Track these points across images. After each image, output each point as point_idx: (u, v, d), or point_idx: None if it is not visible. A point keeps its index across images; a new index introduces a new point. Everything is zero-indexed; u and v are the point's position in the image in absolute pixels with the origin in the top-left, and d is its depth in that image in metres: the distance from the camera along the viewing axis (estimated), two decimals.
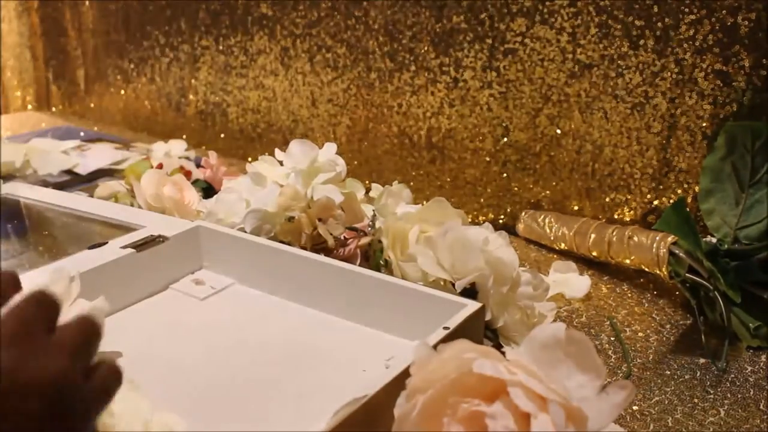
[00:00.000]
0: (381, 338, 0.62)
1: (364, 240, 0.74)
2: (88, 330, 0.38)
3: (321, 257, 0.67)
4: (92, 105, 1.42)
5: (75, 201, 0.81)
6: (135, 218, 0.74)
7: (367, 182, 1.01)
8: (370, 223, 0.76)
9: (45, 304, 0.38)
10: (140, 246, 0.67)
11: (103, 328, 0.39)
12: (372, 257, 0.73)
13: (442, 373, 0.42)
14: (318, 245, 0.74)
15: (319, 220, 0.73)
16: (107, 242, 0.67)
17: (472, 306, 0.57)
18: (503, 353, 0.44)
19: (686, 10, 0.78)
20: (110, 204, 0.82)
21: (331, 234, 0.72)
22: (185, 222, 0.74)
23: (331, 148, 0.78)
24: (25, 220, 0.83)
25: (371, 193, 0.82)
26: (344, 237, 0.75)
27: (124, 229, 0.72)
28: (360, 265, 0.68)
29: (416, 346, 0.44)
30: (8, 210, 0.82)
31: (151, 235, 0.69)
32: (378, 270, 0.68)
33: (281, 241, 0.71)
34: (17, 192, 0.85)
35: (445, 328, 0.54)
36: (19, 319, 0.36)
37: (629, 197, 0.88)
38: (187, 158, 1.04)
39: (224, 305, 0.68)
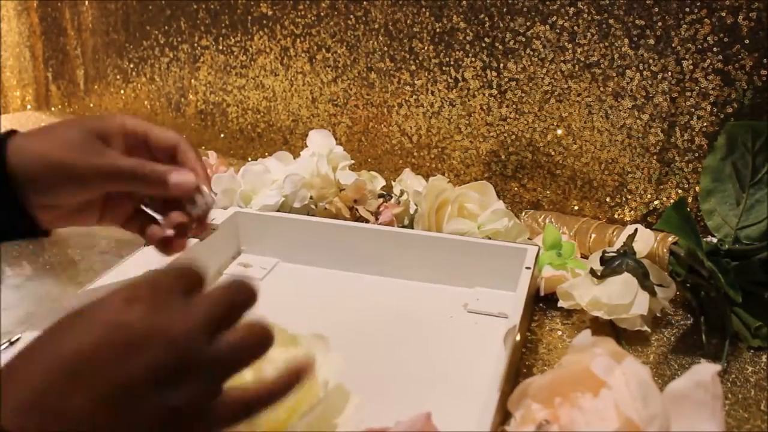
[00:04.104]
0: (447, 291, 0.71)
1: (396, 209, 0.80)
2: (235, 294, 0.38)
3: (365, 225, 0.74)
4: (92, 105, 1.42)
5: None
6: None
7: None
8: (397, 196, 0.84)
9: (185, 274, 0.38)
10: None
11: (257, 292, 0.39)
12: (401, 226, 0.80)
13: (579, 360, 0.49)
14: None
15: (355, 201, 0.77)
16: None
17: (532, 250, 0.67)
18: None
19: (686, 10, 0.78)
20: None
21: (370, 211, 0.78)
22: (224, 212, 0.78)
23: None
24: None
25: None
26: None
27: None
28: None
29: (581, 335, 0.50)
30: None
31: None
32: None
33: None
34: None
35: (527, 268, 0.65)
36: (154, 284, 0.37)
37: (629, 197, 0.87)
38: None
39: (287, 284, 0.72)
